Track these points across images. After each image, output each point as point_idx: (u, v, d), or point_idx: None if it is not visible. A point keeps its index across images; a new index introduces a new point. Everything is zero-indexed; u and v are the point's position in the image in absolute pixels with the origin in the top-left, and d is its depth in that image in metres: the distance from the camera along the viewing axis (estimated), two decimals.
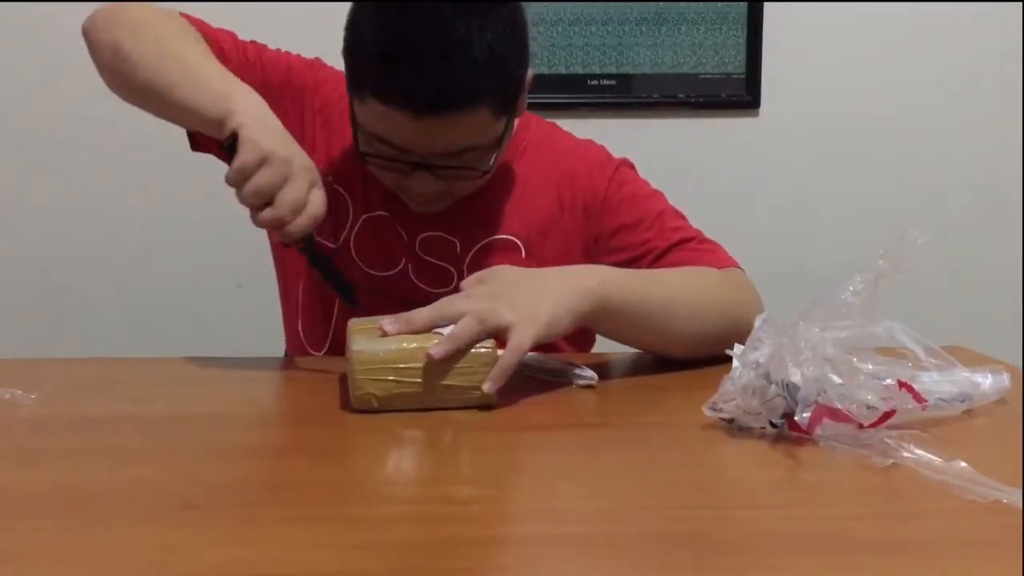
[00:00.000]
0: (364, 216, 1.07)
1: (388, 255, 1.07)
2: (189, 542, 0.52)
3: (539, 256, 1.06)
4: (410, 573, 0.49)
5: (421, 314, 0.80)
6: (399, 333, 0.78)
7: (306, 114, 1.07)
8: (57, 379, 0.89)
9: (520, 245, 1.07)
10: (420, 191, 0.97)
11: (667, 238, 1.04)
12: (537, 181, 1.09)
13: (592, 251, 1.08)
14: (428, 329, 0.79)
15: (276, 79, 1.05)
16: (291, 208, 0.83)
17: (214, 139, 0.90)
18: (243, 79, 0.93)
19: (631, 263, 1.03)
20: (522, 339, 0.79)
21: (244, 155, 0.82)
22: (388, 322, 0.79)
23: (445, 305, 0.81)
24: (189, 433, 0.76)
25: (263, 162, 0.82)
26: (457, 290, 0.86)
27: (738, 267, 1.05)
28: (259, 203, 0.83)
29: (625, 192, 1.08)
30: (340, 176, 1.06)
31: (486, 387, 0.77)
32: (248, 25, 1.84)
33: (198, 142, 1.04)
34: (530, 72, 0.98)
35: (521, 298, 0.82)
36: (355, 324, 0.82)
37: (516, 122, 1.01)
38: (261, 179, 0.82)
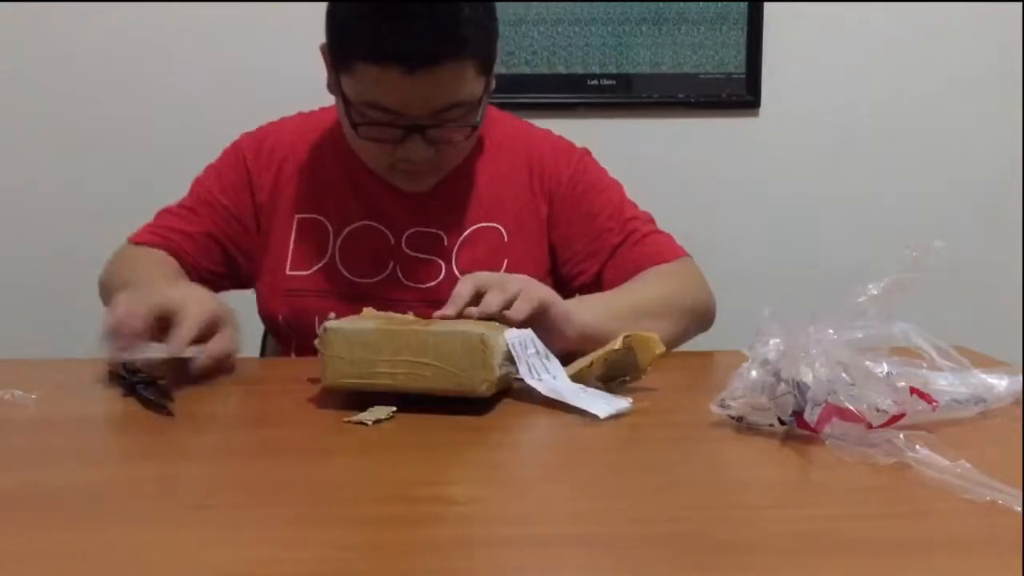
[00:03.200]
0: (347, 230, 1.12)
1: (375, 260, 1.12)
2: (189, 542, 0.52)
3: (518, 239, 1.14)
4: (409, 573, 0.49)
5: (494, 299, 0.85)
6: (481, 317, 0.84)
7: (264, 180, 1.13)
8: (57, 379, 0.89)
9: (502, 231, 1.14)
10: (413, 158, 1.01)
11: (624, 229, 1.13)
12: (510, 170, 1.16)
13: (555, 235, 1.15)
14: (500, 312, 0.85)
15: (218, 193, 1.13)
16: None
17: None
18: (215, 220, 1.12)
19: (590, 252, 1.13)
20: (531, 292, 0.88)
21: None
22: (449, 310, 0.85)
23: (507, 283, 0.88)
24: (189, 433, 0.76)
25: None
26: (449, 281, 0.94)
27: (687, 255, 1.14)
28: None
29: (589, 179, 1.16)
30: (313, 203, 1.13)
31: (447, 310, 0.84)
32: (249, 25, 1.85)
33: None
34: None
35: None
36: (367, 313, 0.89)
37: (484, 117, 1.06)
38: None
